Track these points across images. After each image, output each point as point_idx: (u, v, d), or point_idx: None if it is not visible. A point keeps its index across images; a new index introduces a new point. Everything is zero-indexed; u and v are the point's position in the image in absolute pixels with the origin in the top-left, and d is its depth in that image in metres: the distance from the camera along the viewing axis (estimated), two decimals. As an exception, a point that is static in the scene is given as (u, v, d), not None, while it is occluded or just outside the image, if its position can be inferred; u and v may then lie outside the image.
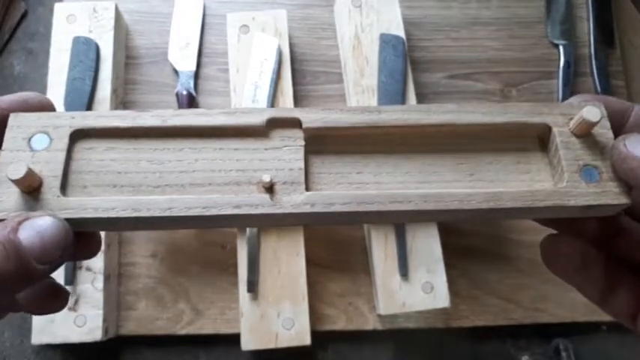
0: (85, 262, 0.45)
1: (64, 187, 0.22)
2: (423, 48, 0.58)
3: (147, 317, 0.48)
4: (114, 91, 0.51)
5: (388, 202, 0.22)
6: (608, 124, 0.23)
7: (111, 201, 0.21)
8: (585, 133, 0.23)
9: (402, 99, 0.49)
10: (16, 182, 0.20)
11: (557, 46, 0.58)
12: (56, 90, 0.49)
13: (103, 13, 0.52)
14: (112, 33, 0.52)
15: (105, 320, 0.45)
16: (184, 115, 0.23)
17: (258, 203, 0.21)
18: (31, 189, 0.21)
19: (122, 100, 0.54)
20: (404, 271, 0.45)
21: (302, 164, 0.23)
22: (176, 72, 0.55)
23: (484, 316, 0.50)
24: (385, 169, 0.24)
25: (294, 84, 0.52)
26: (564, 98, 0.56)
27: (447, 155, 0.24)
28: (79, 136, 0.23)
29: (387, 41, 0.51)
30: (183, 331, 0.48)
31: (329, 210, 0.21)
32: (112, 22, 0.52)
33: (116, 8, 0.53)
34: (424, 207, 0.22)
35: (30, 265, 0.19)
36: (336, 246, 0.51)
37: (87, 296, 0.45)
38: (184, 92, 0.53)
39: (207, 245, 0.50)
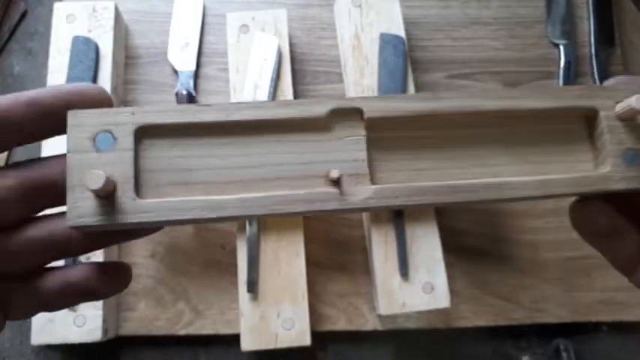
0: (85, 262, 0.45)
1: (137, 189, 0.21)
2: (423, 48, 0.58)
3: (146, 317, 0.48)
4: (114, 90, 0.51)
5: (450, 194, 0.23)
6: None
7: (188, 202, 0.21)
8: (630, 118, 0.23)
9: (402, 99, 0.49)
10: (94, 191, 0.20)
11: (557, 45, 0.58)
12: (56, 90, 0.49)
13: (103, 13, 0.52)
14: (111, 33, 0.52)
15: (105, 320, 0.45)
16: (247, 109, 0.23)
17: (328, 199, 0.22)
18: (106, 194, 0.21)
19: (122, 100, 0.54)
20: (404, 271, 0.45)
21: (365, 155, 0.23)
22: (176, 72, 0.55)
23: (484, 316, 0.50)
24: (443, 154, 0.24)
25: (294, 84, 0.52)
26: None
27: (499, 139, 0.25)
28: (143, 133, 0.22)
29: (387, 41, 0.51)
30: (182, 332, 0.48)
31: (394, 204, 0.22)
32: (112, 22, 0.52)
33: (116, 8, 0.53)
34: (483, 197, 0.23)
35: None
36: (336, 246, 0.51)
37: (86, 296, 0.45)
38: (184, 92, 0.53)
39: (207, 245, 0.50)
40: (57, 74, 0.49)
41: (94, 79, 0.49)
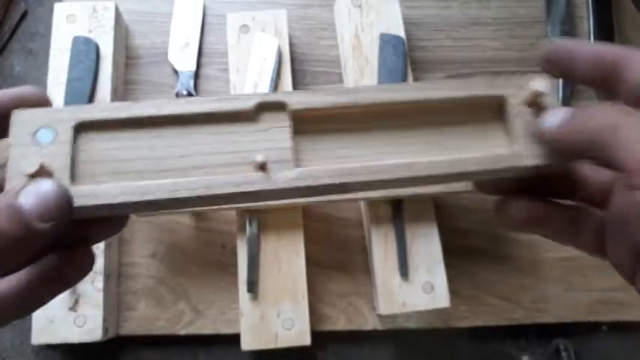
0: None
1: (73, 177, 0.23)
2: (423, 48, 0.58)
3: (147, 317, 0.48)
4: (114, 91, 0.51)
5: (368, 173, 0.24)
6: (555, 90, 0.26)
7: (119, 187, 0.23)
8: (535, 102, 0.25)
9: (402, 99, 0.49)
10: (30, 176, 0.22)
11: (557, 46, 0.58)
12: (56, 90, 0.49)
13: (103, 13, 0.52)
14: (111, 33, 0.52)
15: (105, 320, 0.45)
16: (178, 104, 0.25)
17: (254, 181, 0.24)
18: None
19: (122, 100, 0.54)
20: (404, 271, 0.45)
21: (289, 143, 0.25)
22: (176, 72, 0.55)
23: (484, 316, 0.50)
24: (364, 143, 0.26)
25: (294, 84, 0.52)
26: (565, 98, 0.56)
27: (416, 127, 0.27)
28: (81, 128, 0.24)
29: (387, 41, 0.51)
30: (183, 331, 0.48)
31: (317, 183, 0.24)
32: (112, 22, 0.52)
33: (116, 8, 0.53)
34: (398, 175, 0.25)
35: (31, 226, 0.20)
36: (336, 246, 0.51)
37: (87, 296, 0.45)
38: (184, 92, 0.53)
39: (207, 245, 0.50)
40: (57, 74, 0.50)
41: (95, 80, 0.50)
